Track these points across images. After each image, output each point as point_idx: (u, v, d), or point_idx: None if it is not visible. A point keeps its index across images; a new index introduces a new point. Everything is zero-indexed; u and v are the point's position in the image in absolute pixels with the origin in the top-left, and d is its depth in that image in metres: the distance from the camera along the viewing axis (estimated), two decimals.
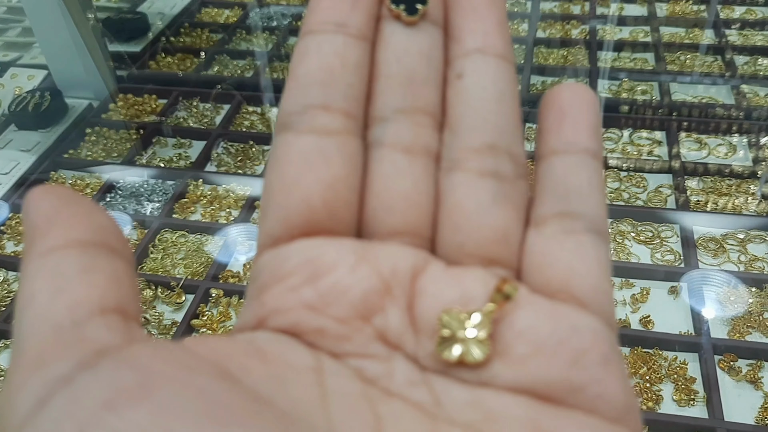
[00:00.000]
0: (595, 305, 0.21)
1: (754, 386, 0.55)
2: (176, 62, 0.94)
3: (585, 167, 0.23)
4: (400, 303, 0.21)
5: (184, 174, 0.76)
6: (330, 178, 0.22)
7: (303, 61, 0.23)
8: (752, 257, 0.64)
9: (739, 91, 0.83)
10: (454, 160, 0.24)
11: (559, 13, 1.01)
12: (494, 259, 0.23)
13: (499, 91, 0.24)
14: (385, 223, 0.23)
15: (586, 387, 0.19)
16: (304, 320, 0.20)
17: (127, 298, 0.17)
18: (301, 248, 0.22)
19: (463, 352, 0.20)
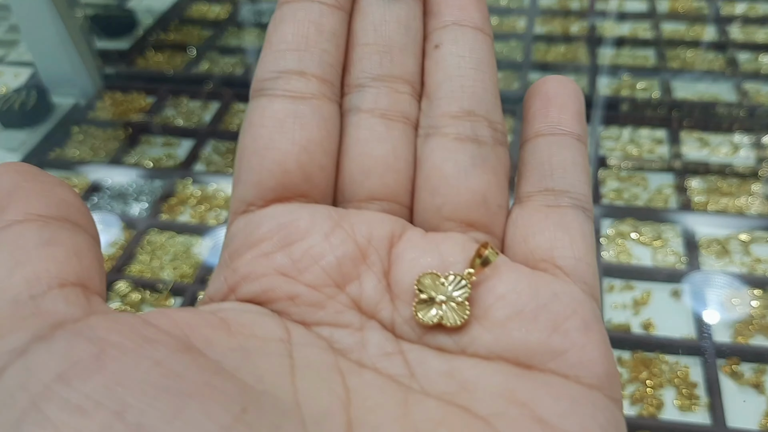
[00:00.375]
0: (577, 275, 0.21)
1: (758, 391, 0.53)
2: (165, 59, 0.92)
3: (569, 147, 0.23)
4: (376, 269, 0.21)
5: (173, 173, 0.74)
6: (304, 140, 0.22)
7: (278, 29, 0.23)
8: (756, 259, 0.63)
9: (741, 88, 0.81)
10: (432, 126, 0.24)
11: (557, 8, 0.99)
12: (473, 222, 0.23)
13: (477, 60, 0.24)
14: (363, 188, 0.23)
15: (566, 352, 0.19)
16: (277, 286, 0.20)
17: (88, 271, 0.17)
18: (275, 213, 0.21)
19: (441, 315, 0.20)
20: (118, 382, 0.14)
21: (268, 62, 0.23)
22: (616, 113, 0.79)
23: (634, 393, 0.53)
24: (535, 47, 0.91)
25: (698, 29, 0.93)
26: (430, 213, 0.23)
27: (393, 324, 0.20)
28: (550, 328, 0.20)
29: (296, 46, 0.23)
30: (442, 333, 0.20)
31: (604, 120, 0.79)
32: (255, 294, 0.20)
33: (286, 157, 0.22)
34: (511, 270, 0.21)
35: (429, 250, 0.22)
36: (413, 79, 0.25)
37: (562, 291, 0.21)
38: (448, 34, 0.24)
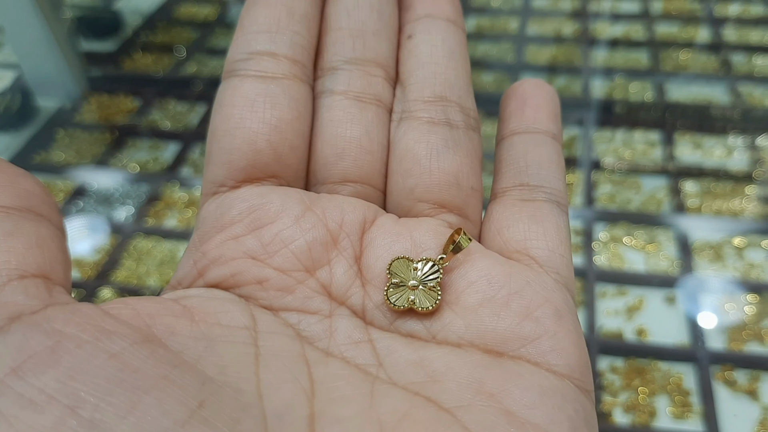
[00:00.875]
0: (550, 265, 0.21)
1: (752, 398, 0.52)
2: (152, 61, 0.90)
3: (544, 144, 0.23)
4: (347, 255, 0.21)
5: (159, 177, 0.73)
6: (275, 119, 0.22)
7: (250, 12, 0.23)
8: (749, 264, 0.62)
9: (735, 90, 0.80)
10: (405, 111, 0.24)
11: (550, 9, 0.98)
12: (445, 203, 0.23)
13: (449, 49, 0.24)
14: (337, 169, 0.23)
15: (537, 339, 0.19)
16: (245, 270, 0.20)
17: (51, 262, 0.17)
18: (245, 196, 0.21)
19: (413, 299, 0.20)
20: (72, 376, 0.14)
21: (240, 44, 0.23)
22: (609, 115, 0.79)
23: (627, 401, 0.52)
24: (527, 49, 0.91)
25: (692, 30, 0.92)
26: (403, 195, 0.23)
27: (364, 309, 0.20)
28: (522, 314, 0.20)
29: (267, 28, 0.23)
30: (413, 318, 0.20)
31: (597, 122, 0.78)
32: (223, 277, 0.20)
33: (256, 136, 0.22)
34: (484, 257, 0.21)
35: (401, 236, 0.22)
36: (387, 63, 0.25)
37: (535, 279, 0.21)
38: (421, 25, 0.25)
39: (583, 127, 0.77)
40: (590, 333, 0.56)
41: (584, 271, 0.61)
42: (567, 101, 0.81)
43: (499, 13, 0.98)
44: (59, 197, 0.72)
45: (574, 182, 0.71)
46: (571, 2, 0.99)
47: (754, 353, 0.55)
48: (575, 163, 0.73)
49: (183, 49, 0.92)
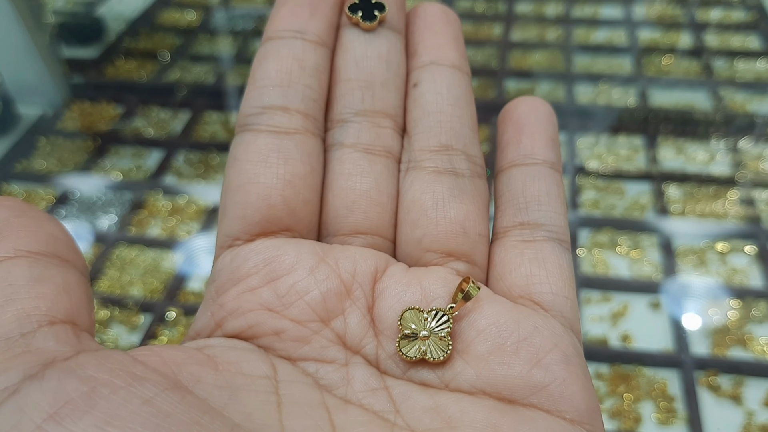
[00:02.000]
0: (555, 309, 0.22)
1: (736, 403, 0.53)
2: (135, 68, 0.90)
3: (543, 177, 0.23)
4: (360, 305, 0.21)
5: (142, 185, 0.73)
6: (288, 175, 0.22)
7: (262, 65, 0.24)
8: (732, 269, 0.62)
9: (717, 95, 0.81)
10: (412, 160, 0.24)
11: (534, 15, 0.99)
12: (452, 251, 0.23)
13: (454, 97, 0.24)
14: (348, 222, 0.23)
15: (547, 386, 0.20)
16: (262, 322, 0.20)
17: (77, 308, 0.17)
18: (260, 248, 0.22)
19: (424, 350, 0.20)
20: (108, 421, 0.14)
21: (253, 98, 0.23)
22: (592, 121, 0.79)
23: (612, 407, 0.52)
24: (511, 54, 0.91)
25: (674, 36, 0.93)
26: (412, 245, 0.23)
27: (377, 360, 0.21)
28: (532, 362, 0.20)
29: (279, 82, 0.23)
30: (425, 368, 0.20)
31: (581, 127, 0.78)
32: (241, 329, 0.20)
33: (270, 191, 0.22)
34: (492, 303, 0.21)
35: (411, 285, 0.22)
36: (396, 113, 0.25)
37: (543, 324, 0.21)
38: (426, 73, 0.25)
39: (566, 132, 0.78)
40: None
41: None
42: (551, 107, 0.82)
43: (483, 19, 0.98)
44: (41, 206, 0.71)
45: None
46: (555, 8, 1.00)
47: (737, 358, 0.55)
48: None
49: (167, 54, 0.92)
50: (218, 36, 0.97)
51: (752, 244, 0.64)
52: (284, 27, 0.24)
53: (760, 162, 0.73)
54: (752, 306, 0.59)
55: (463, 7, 1.01)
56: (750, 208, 0.67)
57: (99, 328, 0.59)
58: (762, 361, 0.55)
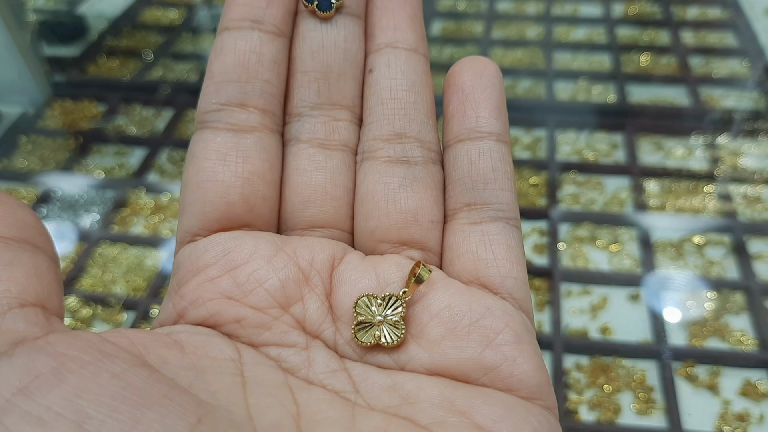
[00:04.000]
0: (504, 290, 0.22)
1: (713, 392, 0.54)
2: (117, 66, 0.90)
3: (488, 153, 0.23)
4: (318, 291, 0.22)
5: (125, 183, 0.73)
6: (247, 173, 0.23)
7: (218, 59, 0.23)
8: (709, 261, 0.63)
9: (694, 92, 0.82)
10: (366, 150, 0.24)
11: (514, 13, 1.00)
12: (405, 241, 0.23)
13: (410, 81, 0.24)
14: (304, 216, 0.24)
15: (499, 366, 0.20)
16: (223, 310, 0.21)
17: (48, 293, 0.18)
18: (219, 240, 0.22)
19: (379, 335, 0.21)
20: (77, 394, 0.15)
21: (210, 93, 0.23)
22: (572, 118, 0.80)
23: (593, 398, 0.53)
24: (492, 52, 0.92)
25: (652, 33, 0.94)
26: (366, 237, 0.24)
27: (336, 345, 0.21)
28: (483, 343, 0.21)
29: (237, 78, 0.23)
30: (381, 352, 0.21)
31: (560, 125, 0.79)
32: (203, 318, 0.21)
33: (228, 189, 0.22)
34: (446, 287, 0.22)
35: (367, 272, 0.22)
36: (353, 103, 0.25)
37: (494, 305, 0.22)
38: (381, 57, 0.25)
39: (547, 129, 0.78)
40: (556, 332, 0.57)
41: (549, 271, 0.62)
42: (531, 103, 0.82)
43: (464, 17, 0.99)
44: None
45: (539, 183, 0.72)
46: (536, 6, 1.01)
47: (714, 349, 0.56)
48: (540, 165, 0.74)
49: (150, 53, 0.92)
50: (201, 34, 0.97)
51: (728, 238, 0.66)
52: (241, 16, 0.24)
53: (736, 157, 0.74)
54: (728, 298, 0.60)
55: (445, 5, 1.01)
56: (727, 203, 0.69)
57: (82, 326, 0.59)
58: (738, 351, 0.56)
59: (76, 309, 0.60)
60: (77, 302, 0.61)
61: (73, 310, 0.60)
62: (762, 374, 0.55)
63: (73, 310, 0.60)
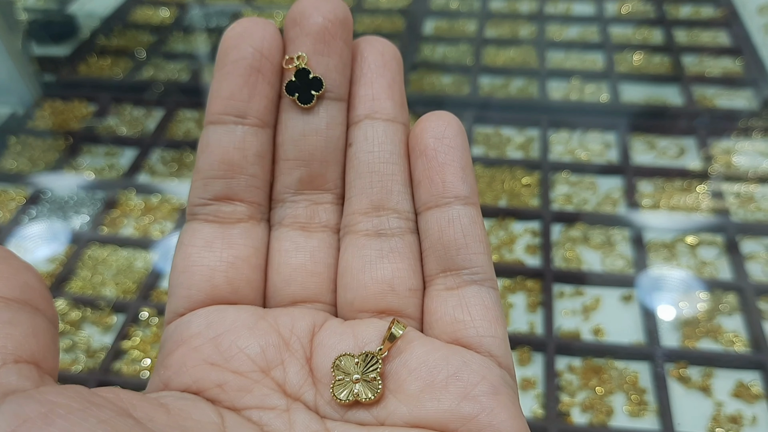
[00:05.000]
0: (483, 350, 0.23)
1: (705, 394, 0.54)
2: (108, 66, 0.89)
3: (457, 219, 0.24)
4: (298, 356, 0.23)
5: (115, 184, 0.72)
6: (232, 257, 0.24)
7: (204, 154, 0.24)
8: (702, 261, 0.63)
9: (687, 91, 0.82)
10: (347, 225, 0.25)
11: (507, 11, 0.99)
12: (383, 309, 0.24)
13: (387, 153, 0.25)
14: (285, 294, 0.25)
15: (477, 416, 0.21)
16: (205, 376, 0.21)
17: (43, 352, 0.18)
18: (202, 313, 0.23)
19: (357, 392, 0.22)
20: None
21: (198, 188, 0.24)
22: (565, 117, 0.80)
23: (585, 401, 0.53)
24: (485, 51, 0.91)
25: (645, 32, 0.94)
26: (346, 308, 0.25)
27: (316, 406, 0.22)
28: (461, 395, 0.21)
29: (223, 174, 0.24)
30: (360, 409, 0.22)
31: (554, 124, 0.79)
32: (186, 385, 0.21)
33: (214, 273, 0.24)
34: (423, 344, 0.23)
35: (346, 335, 0.23)
36: (335, 185, 0.26)
37: (472, 359, 0.22)
38: (360, 130, 0.25)
39: (539, 129, 0.78)
40: (548, 334, 0.57)
41: (542, 272, 0.62)
42: (524, 103, 0.82)
43: (457, 16, 0.99)
44: (11, 206, 0.70)
45: (532, 183, 0.71)
46: (529, 5, 1.00)
47: (707, 350, 0.56)
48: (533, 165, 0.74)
49: (143, 51, 0.91)
50: (193, 33, 0.96)
51: (721, 238, 0.65)
52: (224, 110, 0.24)
53: (729, 156, 0.74)
54: (721, 298, 0.60)
55: (438, 4, 1.01)
56: (719, 202, 0.68)
57: (71, 330, 0.59)
58: (731, 352, 0.56)
59: (66, 312, 0.60)
60: (66, 305, 0.60)
61: (63, 313, 0.59)
62: (755, 375, 0.55)
63: (62, 313, 0.59)
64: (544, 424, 0.51)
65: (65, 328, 0.59)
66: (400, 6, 1.00)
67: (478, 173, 0.73)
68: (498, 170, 0.73)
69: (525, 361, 0.56)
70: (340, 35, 0.24)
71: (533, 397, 0.54)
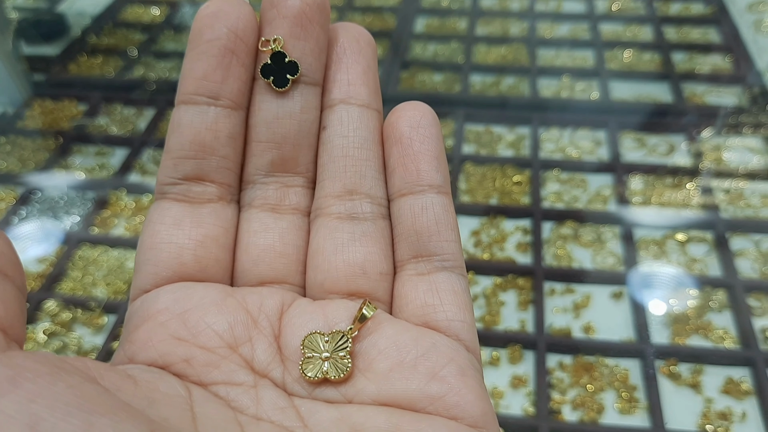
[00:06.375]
0: (452, 333, 0.23)
1: (695, 391, 0.54)
2: (98, 65, 0.89)
3: (431, 207, 0.24)
4: (267, 333, 0.23)
5: (106, 184, 0.72)
6: (201, 236, 0.24)
7: (175, 134, 0.24)
8: (692, 258, 0.64)
9: (677, 88, 0.82)
10: (319, 207, 0.25)
11: (498, 9, 0.99)
12: (353, 291, 0.24)
13: (361, 138, 0.25)
14: (253, 274, 0.25)
15: (444, 396, 0.21)
16: (172, 350, 0.21)
17: (11, 319, 0.18)
18: (170, 289, 0.23)
19: (326, 370, 0.22)
20: (31, 399, 0.15)
21: (168, 167, 0.24)
22: (555, 115, 0.80)
23: (576, 398, 0.53)
24: (476, 48, 0.91)
25: (635, 29, 0.94)
26: (315, 289, 0.25)
27: (284, 383, 0.22)
28: (429, 375, 0.22)
29: (194, 155, 0.24)
30: (328, 387, 0.22)
31: (544, 121, 0.79)
32: (152, 359, 0.21)
33: (182, 251, 0.23)
34: (393, 325, 0.23)
35: (316, 314, 0.23)
36: (307, 169, 0.26)
37: (440, 341, 0.23)
38: (335, 114, 0.25)
39: (531, 126, 0.78)
40: (539, 331, 0.57)
41: (533, 270, 0.62)
42: (515, 101, 0.82)
43: (448, 14, 0.99)
44: (1, 207, 0.70)
45: (523, 181, 0.72)
46: (519, 2, 1.00)
47: (697, 347, 0.56)
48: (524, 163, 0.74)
49: (135, 49, 0.91)
50: (183, 32, 0.96)
51: (711, 234, 0.66)
52: (197, 91, 0.24)
53: (719, 153, 0.74)
54: (711, 295, 0.60)
55: (429, 2, 1.01)
56: (709, 198, 0.69)
57: (62, 331, 0.59)
58: (720, 349, 0.56)
59: (56, 313, 0.59)
60: (57, 306, 0.60)
61: (53, 314, 0.59)
62: (744, 372, 0.55)
63: (52, 314, 0.59)
64: (535, 422, 0.51)
65: (56, 330, 0.58)
66: (391, 4, 1.00)
67: (469, 171, 0.73)
68: (489, 168, 0.73)
69: (516, 359, 0.56)
70: (317, 20, 0.24)
71: (524, 395, 0.54)
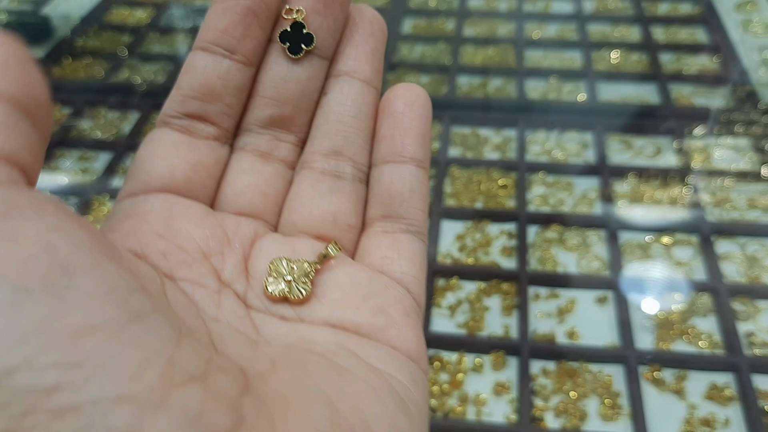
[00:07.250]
0: (403, 284, 0.26)
1: (679, 397, 0.54)
2: (83, 68, 0.88)
3: (408, 176, 0.27)
4: (237, 252, 0.25)
5: (89, 189, 0.72)
6: (194, 161, 0.26)
7: (188, 74, 0.26)
8: (677, 262, 0.63)
9: (665, 89, 0.82)
10: (305, 161, 0.28)
11: (486, 10, 0.99)
12: (322, 235, 0.27)
13: (357, 109, 0.28)
14: (233, 204, 0.27)
15: (386, 328, 0.24)
16: (153, 243, 0.23)
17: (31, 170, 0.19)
18: (160, 198, 0.25)
19: (287, 290, 0.24)
20: (51, 228, 0.16)
21: (175, 101, 0.26)
22: (542, 117, 0.79)
23: (559, 405, 0.53)
24: (463, 50, 0.91)
25: (623, 30, 0.94)
26: (287, 227, 0.27)
27: (245, 296, 0.24)
28: (377, 310, 0.24)
29: (202, 97, 0.26)
30: (285, 306, 0.24)
31: (531, 124, 0.79)
32: (132, 248, 0.23)
33: (175, 168, 0.25)
34: (352, 265, 0.26)
35: (285, 246, 0.26)
36: (300, 130, 0.28)
37: (392, 285, 0.25)
38: (337, 83, 0.28)
39: (517, 128, 0.78)
40: (523, 337, 0.57)
41: (517, 275, 0.62)
42: (502, 102, 0.82)
43: (436, 15, 0.98)
44: None
45: (509, 185, 0.71)
46: (507, 3, 1.00)
47: (681, 352, 0.56)
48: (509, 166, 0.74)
49: (125, 49, 0.90)
50: (169, 34, 0.95)
51: (696, 238, 0.66)
52: (215, 41, 0.26)
53: (706, 155, 0.74)
54: (696, 299, 0.60)
55: (416, 2, 1.00)
56: (695, 201, 0.68)
57: None
58: (705, 354, 0.56)
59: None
60: None
61: None
62: (728, 378, 0.55)
63: None
64: (518, 429, 0.51)
65: None
66: (379, 5, 0.99)
67: (455, 175, 0.73)
68: (475, 172, 0.73)
69: (499, 365, 0.56)
70: (340, 1, 0.27)
71: (507, 402, 0.54)
